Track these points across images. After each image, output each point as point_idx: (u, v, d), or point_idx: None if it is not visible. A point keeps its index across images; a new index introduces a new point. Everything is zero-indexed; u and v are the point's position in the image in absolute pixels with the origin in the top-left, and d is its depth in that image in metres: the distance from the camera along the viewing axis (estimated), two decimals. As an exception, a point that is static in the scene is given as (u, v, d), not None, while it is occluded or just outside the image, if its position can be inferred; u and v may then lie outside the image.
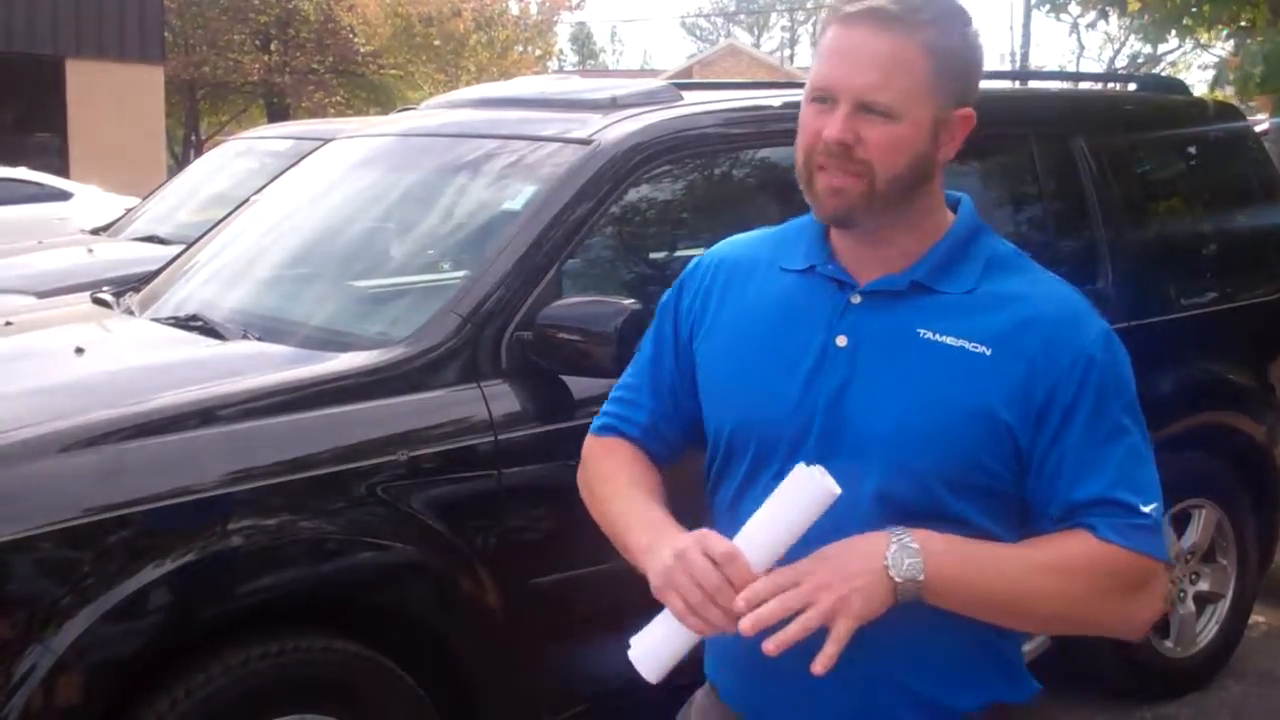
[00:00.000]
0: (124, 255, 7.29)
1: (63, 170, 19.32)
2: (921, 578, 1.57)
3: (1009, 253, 1.79)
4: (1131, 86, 5.46)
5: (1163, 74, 17.27)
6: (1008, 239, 4.39)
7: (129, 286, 4.26)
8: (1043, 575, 1.62)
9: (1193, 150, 4.75)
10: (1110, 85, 8.14)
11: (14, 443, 2.65)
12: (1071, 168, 4.13)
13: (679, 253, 3.65)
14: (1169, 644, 4.36)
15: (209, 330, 3.41)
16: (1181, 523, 4.36)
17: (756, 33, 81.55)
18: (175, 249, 5.32)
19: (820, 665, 1.54)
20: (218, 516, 2.70)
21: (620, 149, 3.32)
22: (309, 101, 33.47)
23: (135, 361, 3.32)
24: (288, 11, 33.02)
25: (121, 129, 21.94)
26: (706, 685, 1.92)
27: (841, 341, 1.70)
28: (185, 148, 35.80)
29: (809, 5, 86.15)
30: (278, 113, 33.84)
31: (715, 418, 1.83)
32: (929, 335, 1.68)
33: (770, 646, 1.54)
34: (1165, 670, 4.36)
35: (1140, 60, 22.27)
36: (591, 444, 1.98)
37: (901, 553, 1.58)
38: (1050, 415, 1.64)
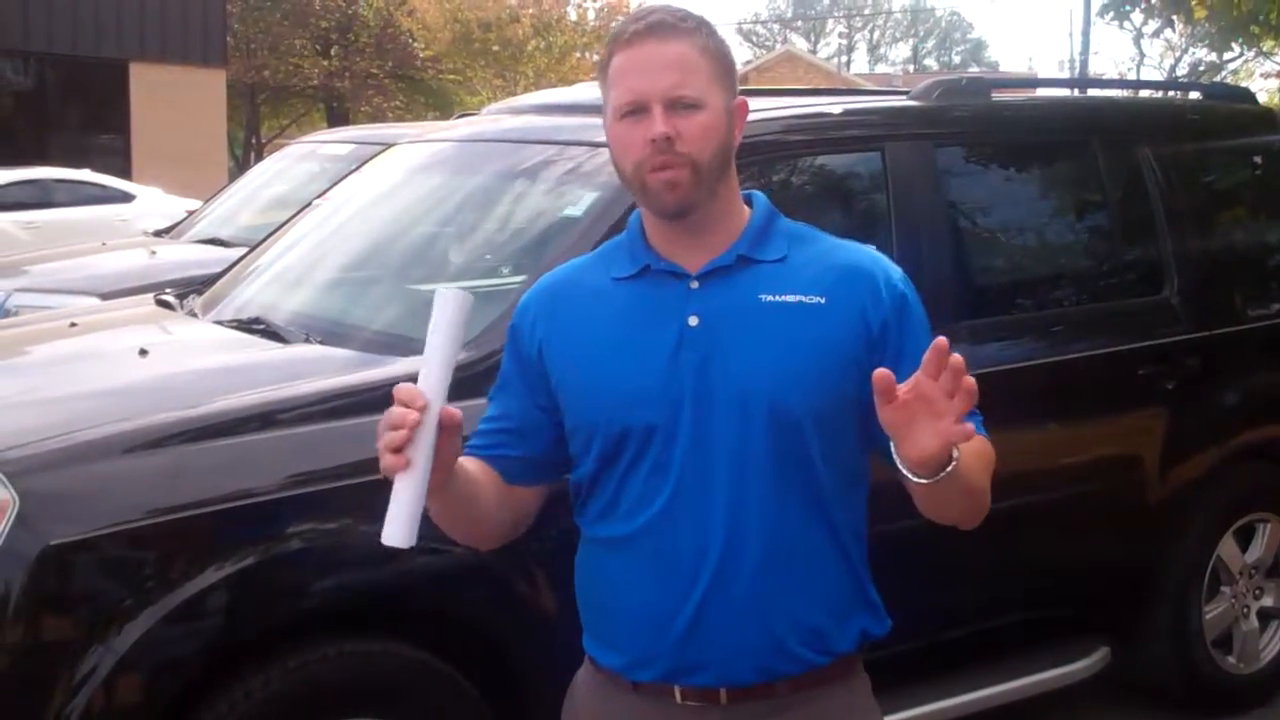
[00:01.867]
0: (186, 257, 7.37)
1: (126, 172, 19.60)
2: (958, 455, 1.75)
3: (803, 227, 2.03)
4: (1194, 95, 5.40)
5: (1227, 82, 17.05)
6: (1072, 248, 4.38)
7: (192, 288, 4.29)
8: (979, 459, 1.89)
9: (1259, 160, 4.68)
10: (1174, 94, 8.04)
11: (79, 444, 2.68)
12: (1138, 177, 4.08)
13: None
14: (1232, 660, 4.29)
15: (271, 333, 3.43)
16: (1245, 537, 4.30)
17: (813, 39, 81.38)
18: (237, 251, 5.38)
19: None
20: (278, 520, 2.72)
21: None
22: (368, 106, 33.73)
23: (198, 364, 3.35)
24: (348, 17, 33.30)
25: (184, 132, 22.20)
26: (587, 663, 2.04)
27: (694, 321, 1.89)
28: (246, 151, 36.16)
29: (866, 11, 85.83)
30: (337, 117, 34.13)
31: (583, 424, 1.95)
32: (770, 298, 1.91)
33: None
34: (1228, 686, 4.30)
35: (1201, 68, 22.04)
36: None
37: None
38: (888, 337, 1.91)
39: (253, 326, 3.50)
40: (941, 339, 1.70)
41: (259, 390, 2.93)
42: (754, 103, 3.70)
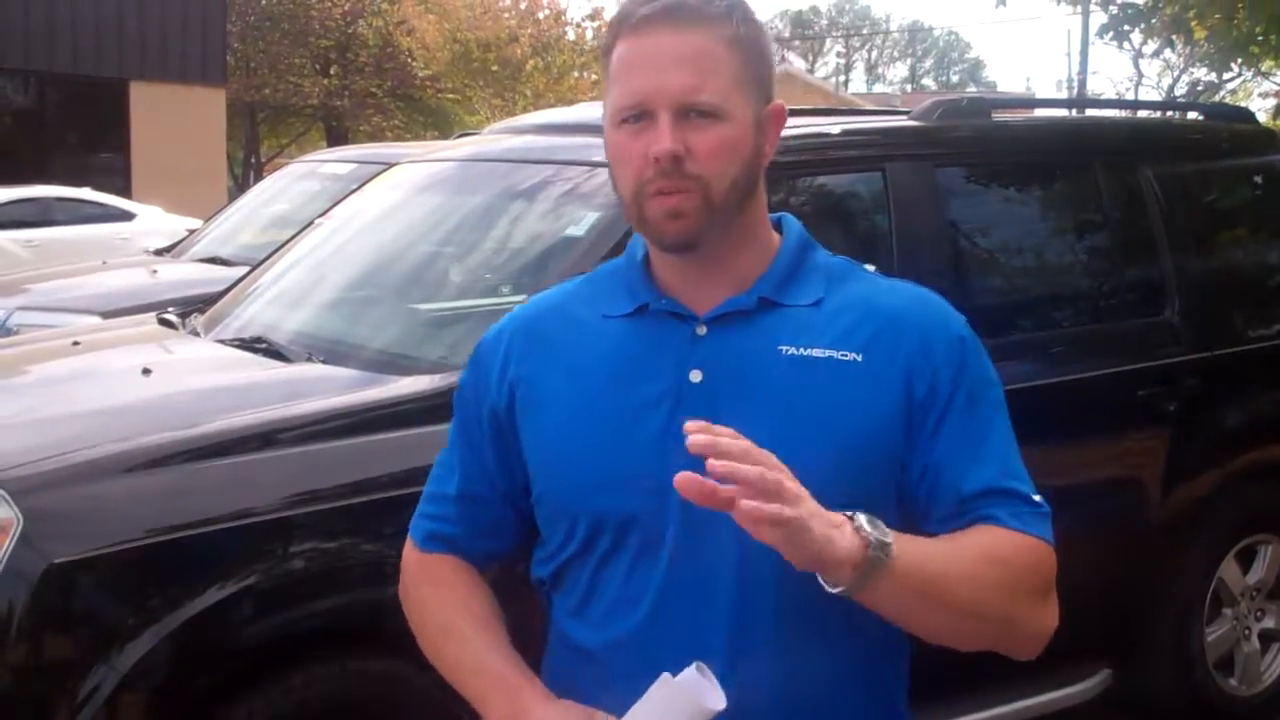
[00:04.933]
0: (187, 276, 7.37)
1: (125, 191, 19.61)
2: (892, 545, 1.38)
3: (843, 262, 1.67)
4: (1193, 115, 5.41)
5: (1227, 102, 17.11)
6: (1072, 269, 4.38)
7: (194, 307, 4.30)
8: (979, 564, 1.48)
9: (1260, 180, 4.69)
10: (1173, 113, 8.06)
11: (82, 463, 2.68)
12: (1138, 197, 4.08)
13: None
14: (1234, 682, 4.29)
15: (273, 352, 3.43)
16: (1247, 559, 4.30)
17: (811, 58, 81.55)
18: (238, 270, 5.38)
19: (769, 516, 1.30)
20: (280, 539, 2.71)
21: (683, 175, 3.31)
22: (368, 125, 33.76)
23: (201, 383, 3.35)
24: (348, 36, 33.38)
25: (183, 151, 22.23)
26: None
27: (696, 377, 1.53)
28: (245, 170, 36.21)
29: (864, 31, 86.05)
30: (337, 136, 34.17)
31: (556, 497, 1.61)
32: (793, 351, 1.54)
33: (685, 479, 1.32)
34: (1229, 708, 4.29)
35: (1200, 88, 22.11)
36: (415, 563, 1.77)
37: (875, 522, 1.40)
38: (933, 405, 1.54)
39: (255, 345, 3.51)
40: (689, 425, 1.33)
41: (261, 409, 2.93)
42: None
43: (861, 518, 1.38)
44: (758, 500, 1.28)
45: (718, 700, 1.35)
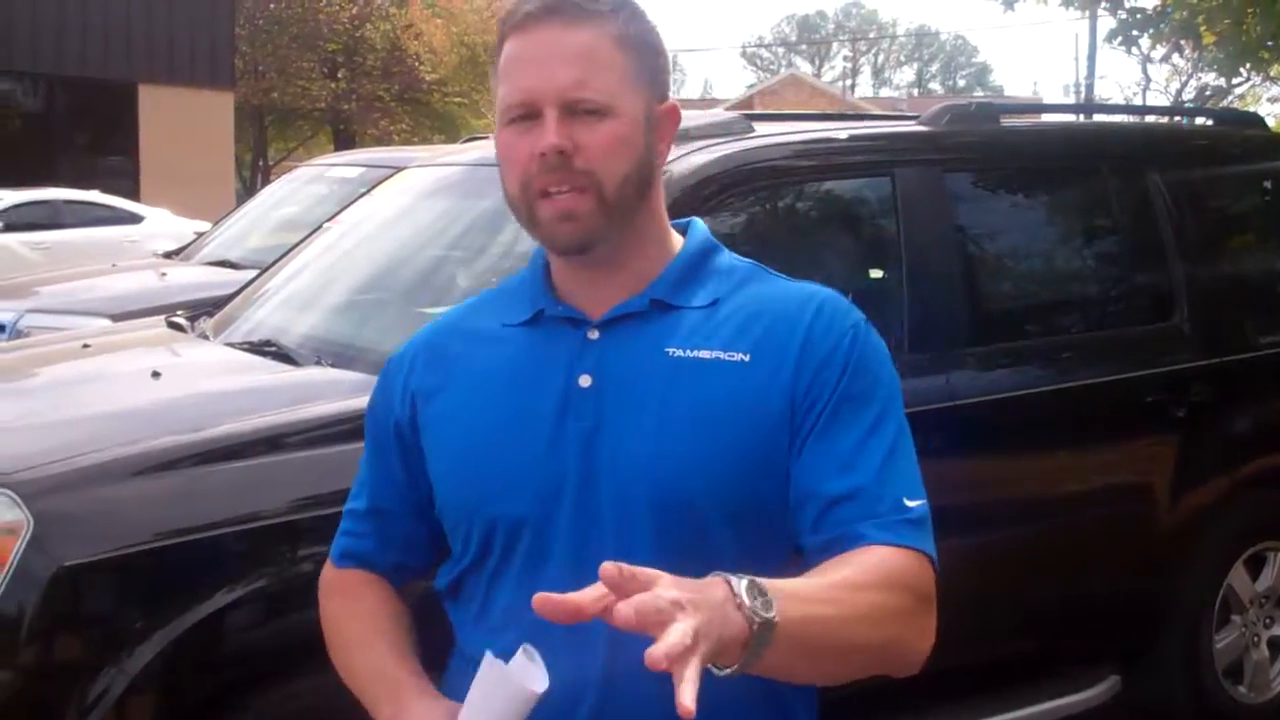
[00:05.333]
0: (196, 279, 7.38)
1: (134, 194, 19.66)
2: (775, 617, 1.25)
3: (749, 265, 1.63)
4: (1202, 121, 5.41)
5: (1233, 107, 17.09)
6: (1081, 274, 4.37)
7: (203, 310, 4.30)
8: (858, 598, 1.38)
9: (1269, 185, 4.69)
10: (1182, 119, 8.07)
11: (92, 465, 2.68)
12: (1147, 203, 4.08)
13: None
14: (1243, 689, 4.28)
15: (282, 356, 3.43)
16: (1256, 565, 4.29)
17: (818, 63, 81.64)
18: (246, 274, 5.39)
19: (690, 699, 1.14)
20: (289, 543, 2.72)
21: (691, 180, 3.32)
22: (375, 128, 33.83)
23: (210, 386, 3.35)
24: (355, 40, 33.45)
25: (192, 154, 22.30)
26: None
27: (585, 382, 1.51)
28: (253, 173, 36.30)
29: (871, 35, 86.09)
30: (344, 139, 34.24)
31: (455, 508, 1.60)
32: (680, 353, 1.51)
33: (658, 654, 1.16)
34: (1238, 716, 4.27)
35: (1208, 93, 22.09)
36: (329, 579, 1.78)
37: (752, 590, 1.26)
38: (811, 409, 1.48)
39: (264, 349, 3.51)
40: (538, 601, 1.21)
41: (270, 413, 2.94)
42: (761, 127, 3.77)
43: (741, 588, 1.25)
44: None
45: (540, 682, 1.34)
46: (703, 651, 1.17)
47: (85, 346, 3.89)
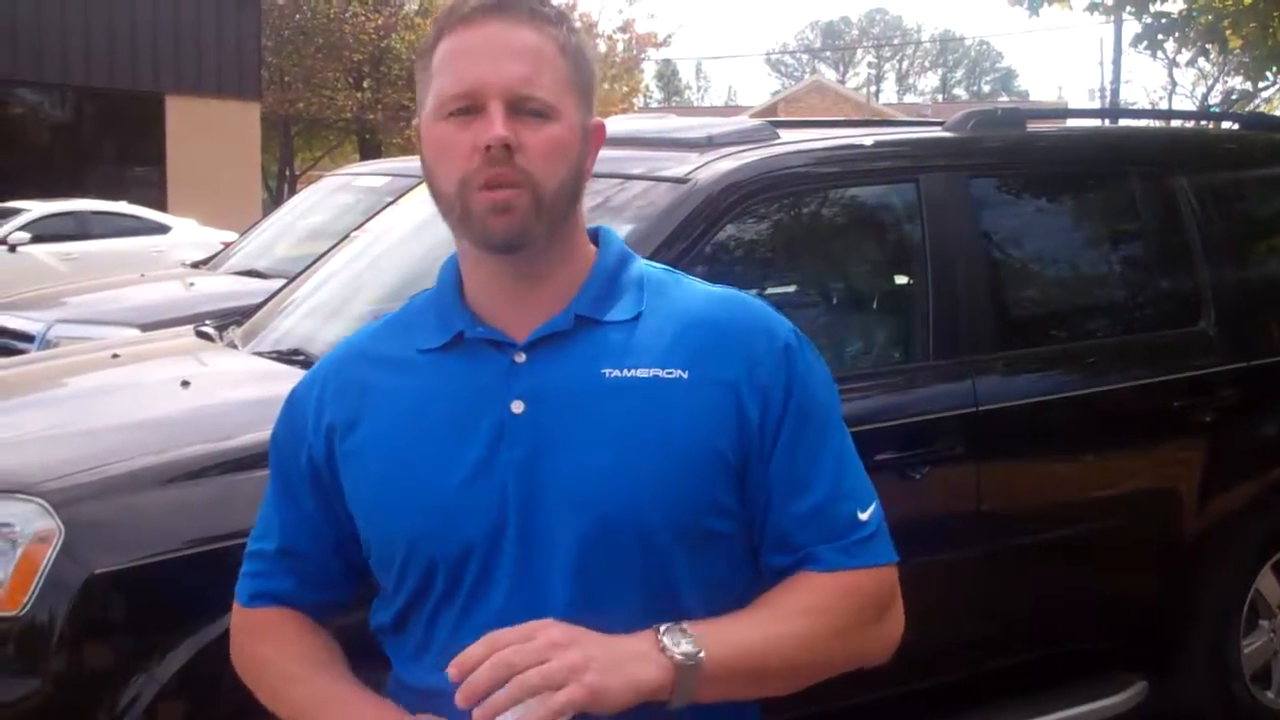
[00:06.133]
0: (223, 289, 7.43)
1: (161, 204, 19.78)
2: (702, 654, 1.36)
3: (662, 271, 1.61)
4: (1228, 125, 5.39)
5: (1260, 111, 17.01)
6: (1107, 279, 4.35)
7: (231, 320, 4.33)
8: (804, 623, 1.45)
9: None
10: (1208, 123, 8.04)
11: (123, 474, 2.71)
12: (1174, 207, 4.07)
13: (772, 292, 3.65)
14: (1271, 694, 4.25)
15: (310, 364, 3.44)
16: (1285, 570, 4.27)
17: (842, 69, 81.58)
18: (274, 283, 5.42)
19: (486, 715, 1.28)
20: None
21: (716, 188, 3.32)
22: (400, 138, 33.93)
23: (239, 395, 3.38)
24: (380, 50, 33.55)
25: (218, 164, 22.42)
26: None
27: (518, 408, 1.46)
28: (280, 183, 36.45)
29: (895, 41, 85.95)
30: (370, 148, 34.36)
31: (385, 545, 1.54)
32: (616, 373, 1.47)
33: (478, 713, 1.29)
34: (1268, 722, 4.26)
35: (1234, 97, 21.99)
36: (245, 622, 1.69)
37: (674, 633, 1.37)
38: (765, 431, 1.48)
39: (292, 358, 3.53)
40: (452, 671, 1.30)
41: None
42: (786, 134, 3.77)
43: (662, 633, 1.37)
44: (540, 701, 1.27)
45: None
46: (589, 681, 1.29)
47: (115, 356, 3.92)
